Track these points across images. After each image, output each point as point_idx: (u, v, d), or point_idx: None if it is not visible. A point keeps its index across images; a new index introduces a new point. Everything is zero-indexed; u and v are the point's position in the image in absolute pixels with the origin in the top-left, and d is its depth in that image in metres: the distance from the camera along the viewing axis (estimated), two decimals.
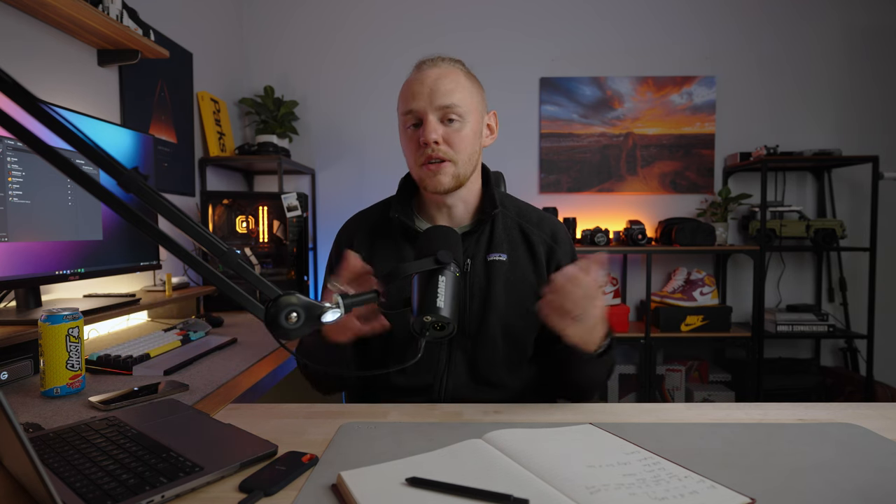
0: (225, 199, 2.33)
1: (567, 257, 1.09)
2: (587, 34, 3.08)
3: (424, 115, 0.99)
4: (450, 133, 1.00)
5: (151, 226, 0.57)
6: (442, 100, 0.98)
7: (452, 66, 1.03)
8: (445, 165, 1.00)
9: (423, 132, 0.99)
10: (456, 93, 0.99)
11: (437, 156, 0.99)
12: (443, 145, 0.99)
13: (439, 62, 1.03)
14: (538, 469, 0.66)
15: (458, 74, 1.02)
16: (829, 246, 2.84)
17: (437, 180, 1.01)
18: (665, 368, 3.00)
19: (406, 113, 1.01)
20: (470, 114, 1.02)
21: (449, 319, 0.76)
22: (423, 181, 1.03)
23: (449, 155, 1.00)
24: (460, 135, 1.00)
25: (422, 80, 1.00)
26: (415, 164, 1.03)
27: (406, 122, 1.02)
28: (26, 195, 1.24)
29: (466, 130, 1.01)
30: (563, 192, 3.11)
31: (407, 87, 1.03)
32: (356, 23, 3.08)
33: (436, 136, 0.98)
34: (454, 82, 1.00)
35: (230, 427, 0.79)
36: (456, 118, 1.00)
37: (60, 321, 0.99)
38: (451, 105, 0.99)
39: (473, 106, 1.03)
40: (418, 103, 0.99)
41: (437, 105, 0.98)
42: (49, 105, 0.51)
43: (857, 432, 0.80)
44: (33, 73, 1.56)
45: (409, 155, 1.04)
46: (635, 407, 0.94)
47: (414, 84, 1.01)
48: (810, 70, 3.06)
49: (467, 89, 1.02)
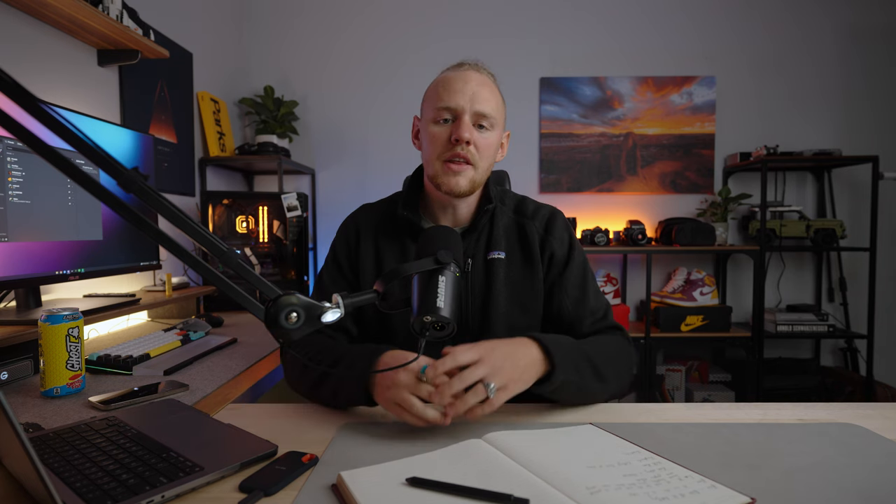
0: (225, 199, 2.33)
1: (561, 245, 1.08)
2: (587, 34, 3.07)
3: (462, 113, 0.99)
4: (479, 138, 1.01)
5: (151, 226, 0.57)
6: (481, 105, 1.00)
7: (490, 78, 1.06)
8: (467, 168, 1.01)
9: (458, 129, 0.99)
10: (492, 102, 1.02)
11: (464, 155, 1.00)
12: (472, 147, 1.00)
13: (481, 69, 1.05)
14: (538, 469, 0.66)
15: (494, 87, 1.05)
16: (829, 246, 2.84)
17: (456, 181, 1.01)
18: (665, 368, 3.00)
19: (443, 108, 1.01)
20: (497, 126, 1.04)
21: (449, 319, 0.76)
22: (439, 178, 1.02)
23: (474, 158, 1.01)
24: (488, 142, 1.02)
25: (466, 79, 1.01)
26: (437, 160, 1.02)
27: (438, 117, 1.02)
28: (26, 195, 1.24)
29: (492, 140, 1.03)
30: (563, 192, 3.11)
31: (447, 82, 1.02)
32: (356, 23, 3.07)
33: (469, 135, 0.99)
34: (492, 93, 1.03)
35: (230, 427, 0.79)
36: (487, 126, 1.01)
37: (60, 321, 0.99)
38: (487, 113, 1.00)
39: (500, 120, 1.05)
40: (459, 101, 0.99)
41: (476, 109, 1.00)
42: (49, 105, 0.51)
43: (857, 432, 0.80)
44: (33, 73, 1.56)
45: (434, 149, 1.02)
46: (635, 407, 0.94)
47: (456, 82, 1.01)
48: (810, 70, 3.05)
49: (499, 103, 1.05)
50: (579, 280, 1.07)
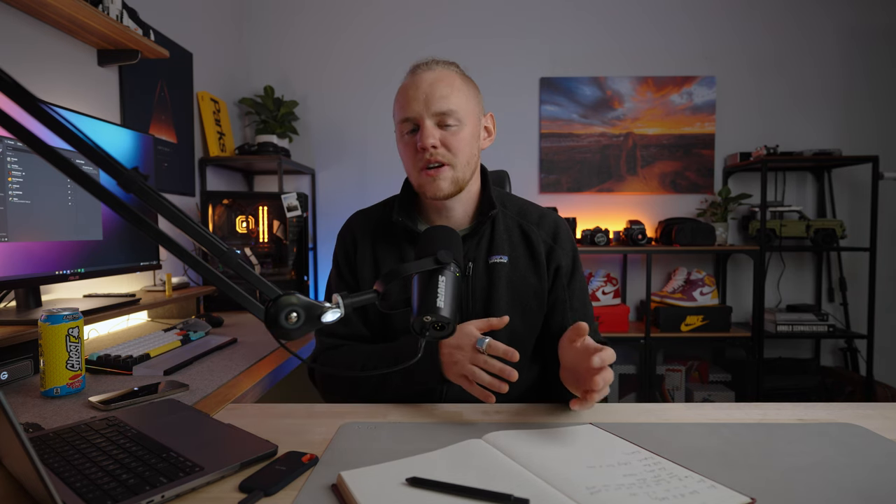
0: (225, 199, 2.33)
1: (567, 257, 1.09)
2: (587, 34, 3.07)
3: (421, 120, 0.98)
4: (447, 137, 0.99)
5: (151, 226, 0.57)
6: (438, 105, 0.97)
7: (447, 70, 1.02)
8: (444, 170, 0.99)
9: (421, 137, 0.98)
10: (452, 97, 0.99)
11: (435, 160, 0.98)
12: (441, 149, 0.99)
13: (434, 65, 1.02)
14: (538, 469, 0.66)
15: (453, 78, 1.01)
16: (829, 246, 2.84)
17: (437, 186, 1.00)
18: (665, 368, 3.00)
19: (403, 121, 1.00)
20: (467, 117, 1.01)
21: (449, 319, 0.76)
22: (423, 187, 1.02)
23: (447, 158, 0.99)
24: (458, 138, 0.99)
25: (417, 84, 0.99)
26: (413, 170, 1.02)
27: (403, 129, 1.01)
28: (26, 195, 1.24)
29: (464, 133, 1.00)
30: (563, 192, 3.11)
31: (402, 92, 1.02)
32: (356, 23, 3.08)
33: (433, 140, 0.97)
34: (449, 86, 0.99)
35: (230, 427, 0.79)
36: (453, 122, 0.99)
37: (60, 321, 0.99)
38: (447, 110, 0.98)
39: (470, 109, 1.02)
40: (414, 109, 0.98)
41: (434, 111, 0.98)
42: (49, 105, 0.51)
43: (857, 432, 0.80)
44: (33, 73, 1.56)
45: (408, 161, 1.03)
46: (635, 407, 0.94)
47: (409, 90, 1.00)
48: (810, 70, 3.05)
49: (463, 92, 1.01)
50: (582, 294, 1.10)
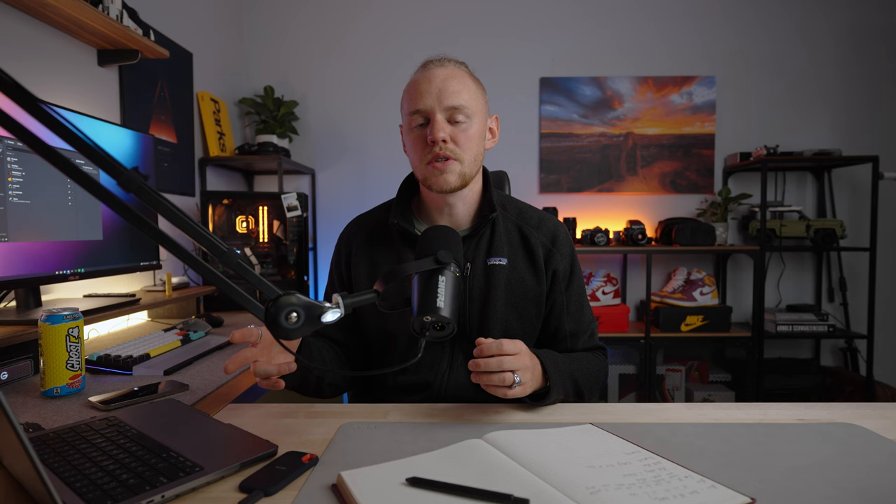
0: (225, 199, 2.33)
1: (565, 260, 1.09)
2: (587, 34, 3.07)
3: (432, 113, 0.99)
4: (457, 132, 1.00)
5: (151, 226, 0.57)
6: (450, 100, 0.99)
7: (459, 68, 1.04)
8: (452, 164, 1.00)
9: (431, 130, 0.98)
10: (463, 93, 1.00)
11: (443, 154, 0.99)
12: (450, 143, 0.99)
13: (446, 62, 1.03)
14: (538, 469, 0.66)
15: (464, 76, 1.03)
16: (829, 246, 2.84)
17: (444, 179, 1.00)
18: (665, 368, 3.00)
19: (413, 112, 1.01)
20: (476, 115, 1.02)
21: (449, 319, 0.76)
22: (429, 180, 1.02)
23: (455, 153, 1.00)
24: (467, 134, 1.00)
25: (430, 79, 1.00)
26: (420, 163, 1.02)
27: (413, 122, 1.02)
28: (26, 195, 1.24)
29: (472, 130, 1.01)
30: (563, 192, 3.11)
31: (413, 86, 1.02)
32: (357, 23, 3.08)
33: (444, 134, 0.98)
34: (461, 83, 1.01)
35: (230, 427, 0.79)
36: (463, 118, 1.00)
37: (60, 321, 0.99)
38: (459, 105, 0.99)
39: (479, 107, 1.03)
40: (426, 102, 0.99)
41: (446, 105, 0.99)
42: (49, 105, 0.51)
43: (857, 432, 0.80)
44: (33, 73, 1.56)
45: (415, 154, 1.03)
46: (635, 407, 0.94)
47: (421, 83, 1.00)
48: (810, 70, 3.05)
49: (473, 91, 1.03)
50: (580, 298, 1.10)
